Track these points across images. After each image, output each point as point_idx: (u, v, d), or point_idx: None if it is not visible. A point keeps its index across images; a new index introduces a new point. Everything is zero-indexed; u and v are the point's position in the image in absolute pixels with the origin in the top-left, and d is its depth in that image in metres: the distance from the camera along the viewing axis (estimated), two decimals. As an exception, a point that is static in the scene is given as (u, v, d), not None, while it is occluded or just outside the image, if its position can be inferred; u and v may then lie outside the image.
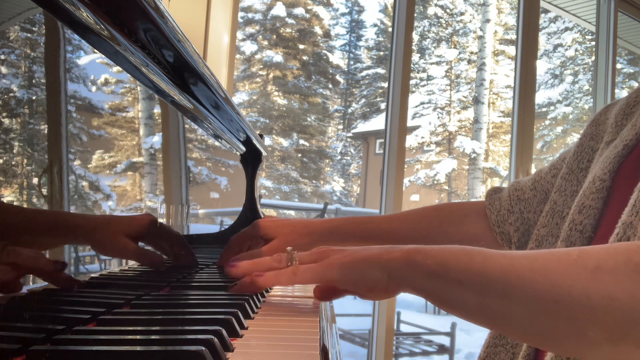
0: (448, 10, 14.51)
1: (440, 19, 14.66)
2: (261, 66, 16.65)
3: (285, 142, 16.29)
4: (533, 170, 2.64)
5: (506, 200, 0.81)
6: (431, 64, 14.68)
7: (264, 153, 1.27)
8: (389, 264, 0.48)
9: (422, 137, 13.58)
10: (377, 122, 15.92)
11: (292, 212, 13.96)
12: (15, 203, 0.41)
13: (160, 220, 0.77)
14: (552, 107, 12.38)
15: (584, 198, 0.64)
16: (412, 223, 0.84)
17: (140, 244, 0.67)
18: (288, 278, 0.53)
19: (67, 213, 0.47)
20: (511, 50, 12.87)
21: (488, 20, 13.06)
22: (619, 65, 7.28)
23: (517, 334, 0.45)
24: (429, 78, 14.57)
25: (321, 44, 17.30)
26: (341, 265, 0.51)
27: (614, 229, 0.55)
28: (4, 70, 0.40)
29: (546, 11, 8.79)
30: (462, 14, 14.26)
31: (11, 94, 0.40)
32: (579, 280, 0.40)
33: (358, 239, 0.82)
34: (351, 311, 5.34)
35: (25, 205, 0.42)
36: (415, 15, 2.27)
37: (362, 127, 16.94)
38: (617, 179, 0.63)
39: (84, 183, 0.52)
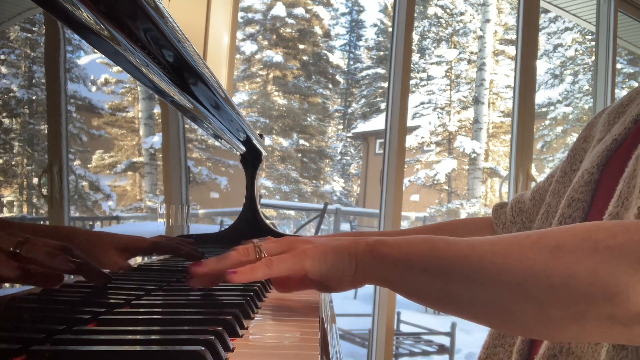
0: (448, 10, 14.51)
1: (440, 19, 14.66)
2: (261, 66, 16.65)
3: (285, 142, 16.28)
4: (533, 171, 2.64)
5: (509, 213, 0.85)
6: (431, 64, 14.68)
7: (264, 153, 1.27)
8: (357, 255, 0.49)
9: (422, 137, 13.58)
10: (377, 122, 15.92)
11: (292, 212, 13.96)
12: (15, 203, 0.41)
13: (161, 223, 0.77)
14: (552, 107, 12.38)
15: (573, 192, 0.66)
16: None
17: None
18: (263, 271, 0.51)
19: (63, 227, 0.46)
20: (511, 50, 12.86)
21: (488, 20, 13.06)
22: (619, 65, 7.27)
23: (481, 319, 0.46)
24: (429, 78, 14.56)
25: (321, 44, 17.30)
26: (314, 255, 0.50)
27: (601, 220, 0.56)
28: (4, 70, 0.40)
29: (546, 11, 8.79)
30: (462, 14, 14.26)
31: (11, 94, 0.40)
32: (538, 260, 0.41)
33: None
34: (351, 311, 5.34)
35: (25, 206, 0.42)
36: (415, 15, 2.27)
37: (362, 127, 16.94)
38: (605, 172, 0.64)
39: (84, 183, 0.52)
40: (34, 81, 0.44)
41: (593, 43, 3.65)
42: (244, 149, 1.24)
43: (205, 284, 0.54)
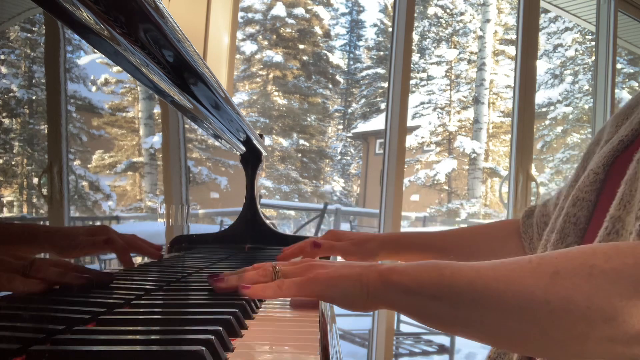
0: (448, 10, 14.50)
1: (440, 19, 14.65)
2: (261, 66, 16.64)
3: (285, 142, 16.28)
4: (533, 171, 2.64)
5: (535, 230, 0.85)
6: (431, 64, 14.67)
7: (264, 153, 1.27)
8: (368, 283, 0.51)
9: (422, 137, 13.57)
10: (377, 122, 15.91)
11: (292, 212, 13.95)
12: (15, 203, 0.41)
13: (161, 219, 0.77)
14: (552, 107, 12.37)
15: (578, 191, 0.67)
16: (463, 241, 0.89)
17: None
18: (274, 291, 0.55)
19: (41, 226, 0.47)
20: (511, 50, 12.85)
21: (488, 20, 13.05)
22: (619, 65, 7.27)
23: (488, 340, 0.49)
24: (429, 78, 14.56)
25: (321, 44, 17.29)
26: (324, 281, 0.53)
27: (604, 222, 0.57)
28: (4, 70, 0.40)
29: (546, 11, 8.79)
30: (462, 14, 14.25)
31: (11, 94, 0.40)
32: (538, 287, 0.43)
33: (413, 251, 0.88)
34: (351, 311, 5.32)
35: (25, 206, 0.42)
36: (415, 15, 2.27)
37: (362, 127, 16.93)
38: (611, 173, 0.65)
39: (84, 183, 0.52)
40: (34, 81, 0.44)
41: (593, 43, 3.65)
42: (244, 149, 1.24)
43: (222, 292, 0.59)
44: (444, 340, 4.31)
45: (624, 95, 8.85)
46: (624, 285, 0.41)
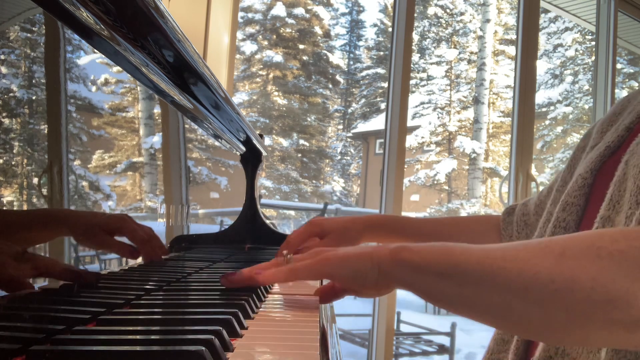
0: (448, 10, 14.50)
1: (440, 19, 14.66)
2: (261, 66, 16.64)
3: (285, 142, 16.27)
4: (533, 171, 2.64)
5: (515, 227, 0.88)
6: (431, 64, 14.67)
7: (264, 153, 1.27)
8: (379, 260, 0.51)
9: (422, 137, 13.57)
10: (377, 122, 15.91)
11: (292, 212, 13.95)
12: (15, 203, 0.41)
13: (160, 219, 0.77)
14: (552, 107, 12.37)
15: (568, 196, 0.68)
16: (445, 229, 0.91)
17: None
18: (286, 275, 0.56)
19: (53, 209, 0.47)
20: (511, 50, 12.85)
21: (488, 20, 13.06)
22: (619, 65, 7.27)
23: (493, 321, 0.49)
24: (429, 78, 14.56)
25: (321, 44, 17.29)
26: (335, 261, 0.53)
27: (593, 224, 0.58)
28: (4, 70, 0.40)
29: (546, 11, 8.78)
30: (462, 14, 14.25)
31: (11, 94, 0.40)
32: (544, 266, 0.43)
33: (396, 235, 0.88)
34: (351, 311, 5.33)
35: (25, 206, 0.42)
36: (415, 15, 2.27)
37: (362, 127, 16.93)
38: (599, 177, 0.66)
39: (84, 183, 0.52)
40: (34, 81, 0.44)
41: (593, 43, 3.65)
42: (244, 149, 1.24)
43: (237, 286, 0.59)
44: (444, 340, 4.31)
45: (623, 95, 8.84)
46: (629, 268, 0.41)
